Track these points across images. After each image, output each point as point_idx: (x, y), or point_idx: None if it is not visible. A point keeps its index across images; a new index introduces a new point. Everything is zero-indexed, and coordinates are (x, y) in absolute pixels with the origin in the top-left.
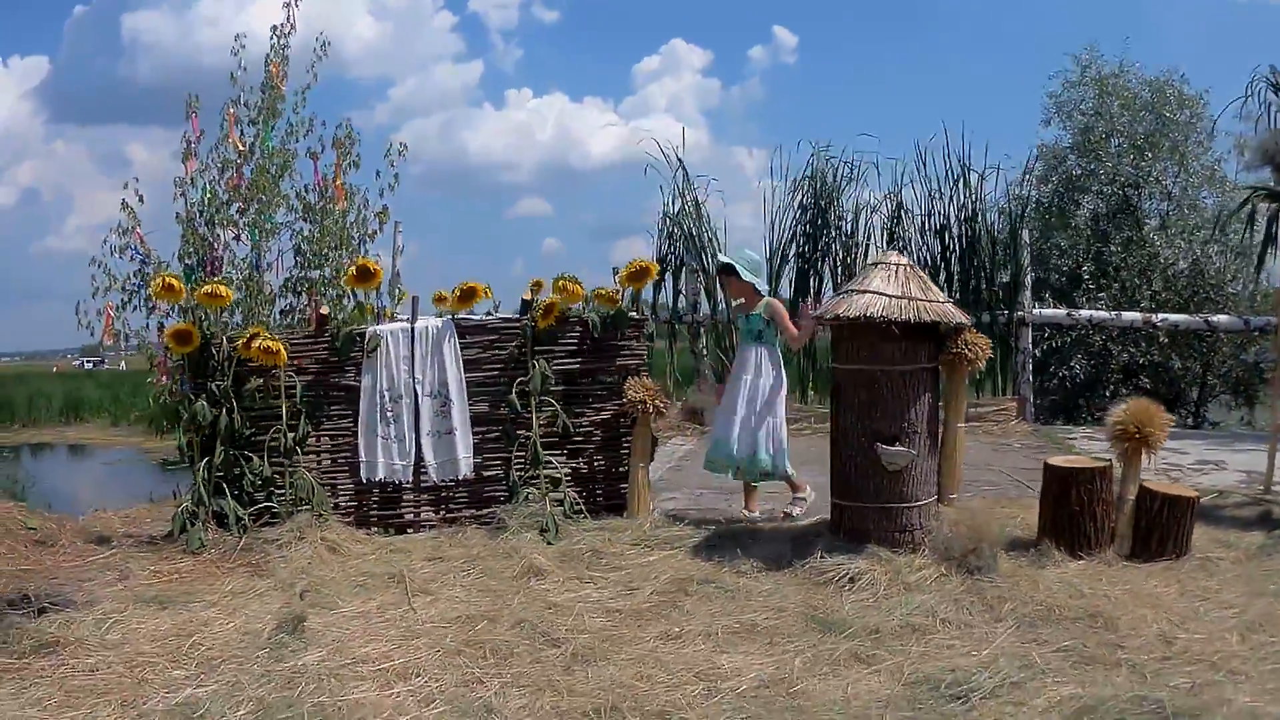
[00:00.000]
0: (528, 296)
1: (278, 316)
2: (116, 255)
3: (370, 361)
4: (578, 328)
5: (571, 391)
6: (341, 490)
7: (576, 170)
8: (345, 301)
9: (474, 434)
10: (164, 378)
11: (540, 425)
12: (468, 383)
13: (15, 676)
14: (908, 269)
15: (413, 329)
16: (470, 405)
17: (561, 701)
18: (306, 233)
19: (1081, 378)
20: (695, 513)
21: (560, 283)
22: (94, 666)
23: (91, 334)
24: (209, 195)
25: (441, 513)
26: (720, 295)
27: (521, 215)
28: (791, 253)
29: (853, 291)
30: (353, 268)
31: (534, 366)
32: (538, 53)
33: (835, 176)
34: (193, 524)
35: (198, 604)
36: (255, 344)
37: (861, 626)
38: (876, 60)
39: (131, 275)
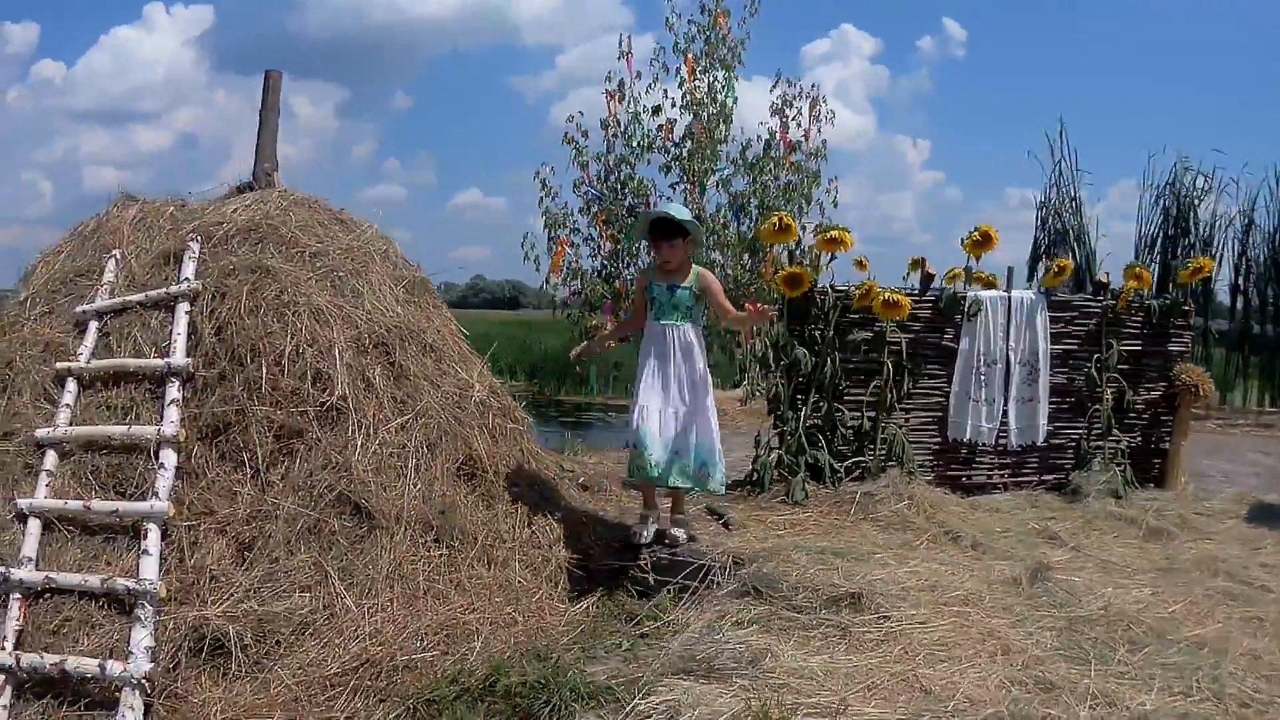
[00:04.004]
0: (1103, 280)
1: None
2: (572, 191)
3: (970, 325)
4: (1139, 314)
5: (1125, 371)
6: (926, 448)
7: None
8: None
9: (1049, 403)
10: (610, 321)
11: (1107, 400)
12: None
13: (832, 636)
14: None
15: (1009, 298)
16: (1049, 376)
17: None
18: (746, 188)
19: None
20: None
21: (1135, 270)
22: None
23: (537, 268)
24: (644, 141)
25: (1008, 476)
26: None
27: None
28: (1156, 254)
29: None
30: (976, 233)
31: (1111, 345)
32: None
33: (1192, 187)
34: (781, 474)
35: (872, 557)
36: (878, 296)
37: None
38: (1046, 55)
39: (577, 211)
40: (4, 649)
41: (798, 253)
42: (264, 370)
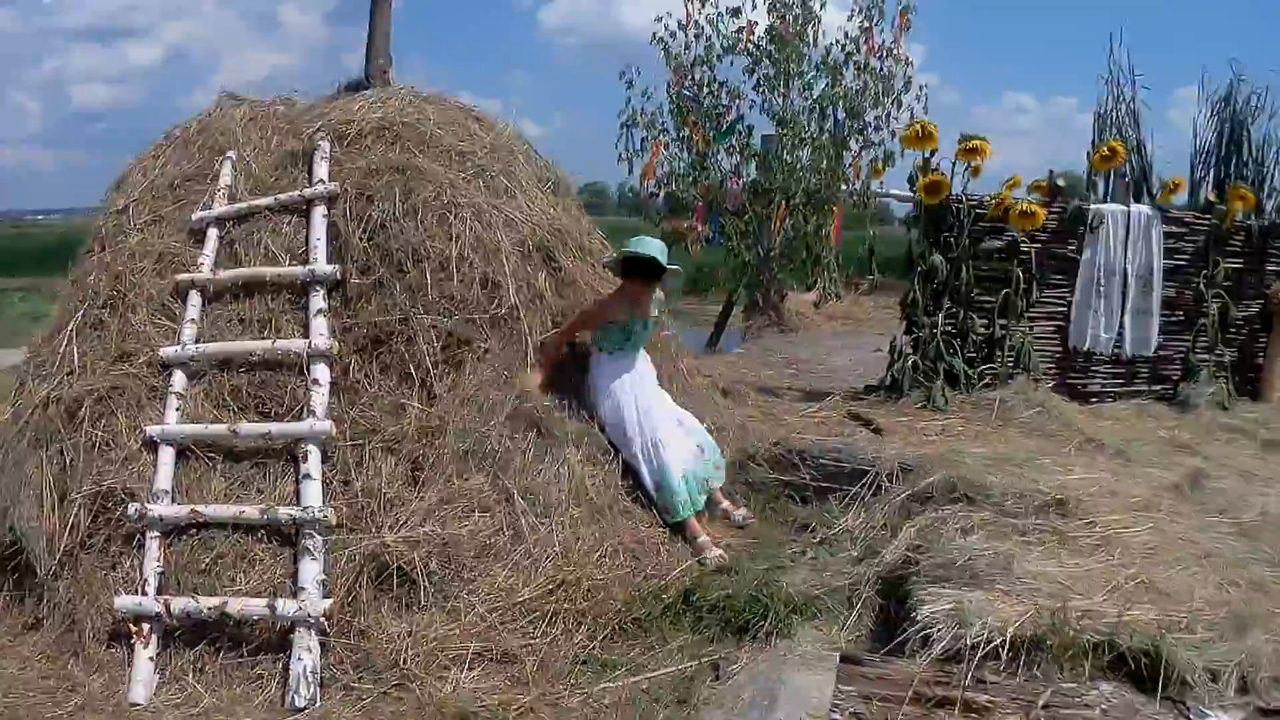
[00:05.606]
0: (1211, 198)
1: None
2: (665, 93)
3: (1093, 238)
4: (1240, 234)
5: (1227, 288)
6: (1047, 356)
7: None
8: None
9: (1160, 316)
10: (699, 225)
11: (1213, 314)
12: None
13: (1050, 541)
14: None
15: (1129, 212)
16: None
17: None
18: (828, 91)
19: None
20: None
21: (1240, 191)
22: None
23: (630, 171)
24: (725, 41)
25: (1120, 386)
26: None
27: None
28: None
29: None
30: (1105, 148)
31: (1218, 262)
32: None
33: (1247, 105)
34: (917, 379)
35: (1033, 463)
36: (1015, 207)
37: None
38: None
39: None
40: (146, 594)
41: (932, 160)
42: (427, 276)
